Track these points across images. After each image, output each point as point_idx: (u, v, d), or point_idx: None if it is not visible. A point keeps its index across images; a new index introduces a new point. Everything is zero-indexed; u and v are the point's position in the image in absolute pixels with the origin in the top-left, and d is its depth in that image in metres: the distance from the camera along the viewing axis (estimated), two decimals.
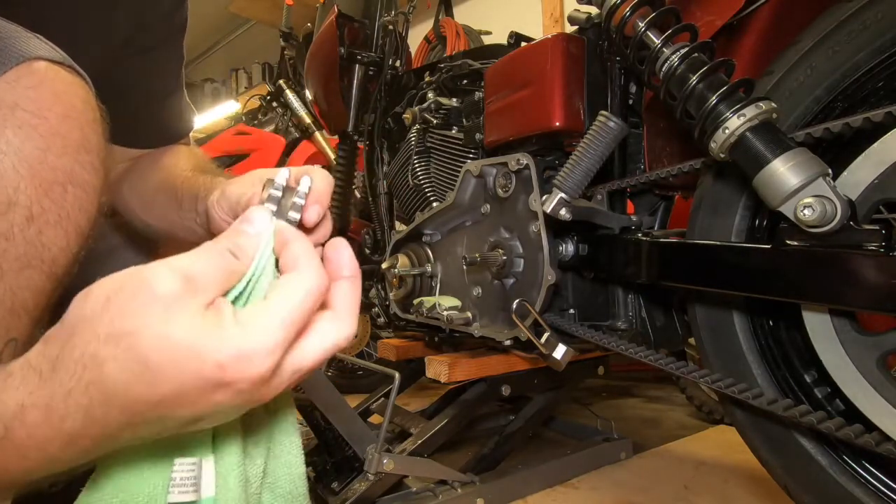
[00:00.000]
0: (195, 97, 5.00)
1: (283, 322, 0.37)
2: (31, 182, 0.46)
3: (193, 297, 0.36)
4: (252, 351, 0.35)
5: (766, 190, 0.61)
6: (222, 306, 0.37)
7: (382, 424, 1.00)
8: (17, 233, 0.45)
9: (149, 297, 0.35)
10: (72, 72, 0.51)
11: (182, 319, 0.35)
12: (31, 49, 0.48)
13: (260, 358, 0.36)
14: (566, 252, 0.92)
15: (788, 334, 0.73)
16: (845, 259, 0.58)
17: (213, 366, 0.35)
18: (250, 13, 4.34)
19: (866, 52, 0.61)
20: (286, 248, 0.41)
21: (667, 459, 1.33)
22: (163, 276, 0.36)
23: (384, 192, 1.40)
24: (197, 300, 0.36)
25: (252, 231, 0.41)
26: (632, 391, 2.07)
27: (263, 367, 0.36)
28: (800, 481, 0.68)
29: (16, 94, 0.46)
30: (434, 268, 1.16)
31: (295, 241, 0.41)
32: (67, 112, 0.49)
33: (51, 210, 0.47)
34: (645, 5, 0.73)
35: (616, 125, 0.77)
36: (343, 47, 1.38)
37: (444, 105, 1.21)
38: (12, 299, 0.46)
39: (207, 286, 0.37)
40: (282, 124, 2.32)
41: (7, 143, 0.45)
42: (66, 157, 0.48)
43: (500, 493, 1.10)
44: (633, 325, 0.95)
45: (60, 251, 0.49)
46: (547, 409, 1.31)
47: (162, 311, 0.35)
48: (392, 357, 1.38)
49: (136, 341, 0.35)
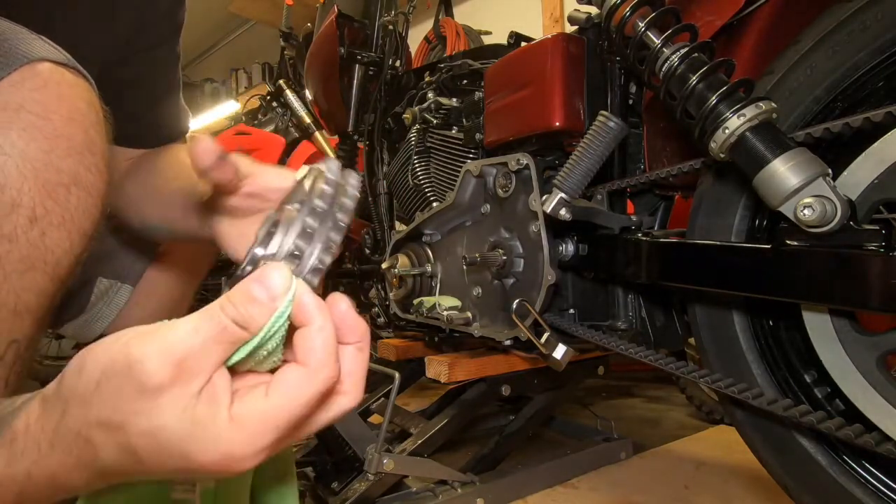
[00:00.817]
0: (195, 97, 5.00)
1: (281, 426, 0.34)
2: (35, 183, 0.46)
3: (185, 386, 0.33)
4: (242, 455, 0.34)
5: (766, 190, 0.61)
6: (218, 393, 0.34)
7: (382, 424, 1.00)
8: (20, 234, 0.45)
9: (136, 389, 0.33)
10: (76, 73, 0.51)
11: (170, 415, 0.33)
12: (36, 51, 0.48)
13: (248, 460, 0.34)
14: (566, 252, 0.92)
15: (788, 334, 0.73)
16: (845, 259, 0.58)
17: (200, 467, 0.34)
18: (250, 13, 4.34)
19: (866, 51, 0.61)
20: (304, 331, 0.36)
21: (667, 459, 1.33)
22: (153, 365, 0.33)
23: (384, 192, 1.40)
24: (189, 388, 0.33)
25: (266, 299, 0.35)
26: (632, 391, 2.07)
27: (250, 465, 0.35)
28: (800, 481, 0.68)
29: (21, 96, 0.46)
30: (434, 268, 1.16)
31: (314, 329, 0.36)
32: (72, 114, 0.49)
33: (54, 212, 0.47)
34: (645, 5, 0.73)
35: (616, 125, 0.77)
36: (343, 47, 1.38)
37: (444, 105, 1.21)
38: (16, 301, 0.46)
39: (203, 368, 0.34)
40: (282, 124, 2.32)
41: (12, 144, 0.45)
42: (71, 159, 0.48)
43: (500, 493, 1.10)
44: (633, 325, 0.95)
45: (64, 253, 0.49)
46: (547, 409, 1.31)
47: (150, 405, 0.33)
48: (392, 357, 1.38)
49: (124, 436, 0.34)
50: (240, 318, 0.34)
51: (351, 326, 0.39)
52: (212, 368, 0.34)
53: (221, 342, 0.34)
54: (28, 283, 0.46)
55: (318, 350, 0.35)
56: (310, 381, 0.35)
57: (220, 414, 0.33)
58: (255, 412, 0.34)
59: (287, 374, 0.35)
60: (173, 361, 0.33)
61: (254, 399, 0.34)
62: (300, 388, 0.34)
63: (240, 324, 0.34)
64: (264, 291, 0.35)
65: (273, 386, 0.35)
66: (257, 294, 0.35)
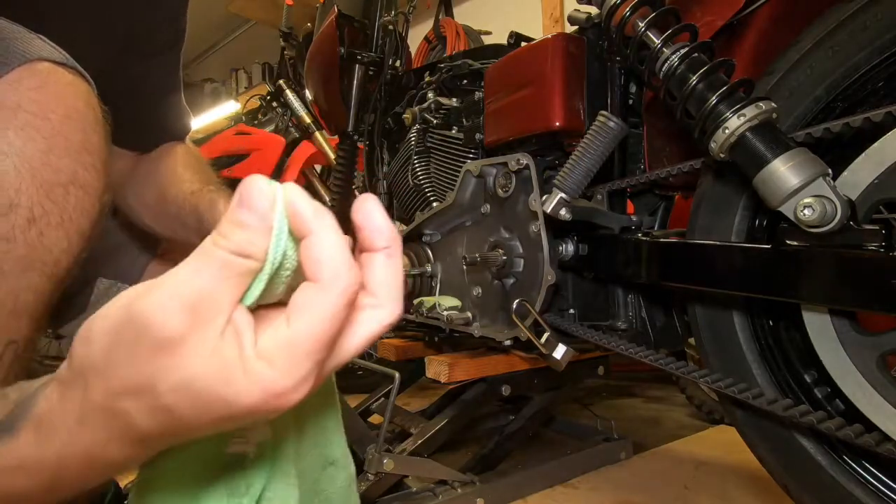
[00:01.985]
0: (195, 97, 5.00)
1: (311, 352, 0.32)
2: (33, 183, 0.46)
3: (205, 329, 0.31)
4: (282, 389, 0.32)
5: (766, 190, 0.61)
6: (242, 330, 0.32)
7: (382, 424, 1.00)
8: (18, 234, 0.45)
9: (154, 345, 0.31)
10: (74, 73, 0.51)
11: (199, 362, 0.31)
12: (34, 50, 0.48)
13: (291, 393, 0.32)
14: (566, 252, 0.92)
15: (788, 334, 0.73)
16: (845, 259, 0.58)
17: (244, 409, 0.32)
18: (250, 13, 4.34)
19: (866, 52, 0.61)
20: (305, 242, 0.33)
21: (667, 459, 1.33)
22: (164, 313, 0.31)
23: (384, 192, 1.40)
24: (210, 331, 0.31)
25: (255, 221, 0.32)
26: (632, 391, 2.07)
27: (297, 397, 0.33)
28: (800, 481, 0.68)
29: (18, 95, 0.46)
30: (434, 268, 1.16)
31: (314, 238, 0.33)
32: (70, 113, 0.49)
33: (52, 212, 0.47)
34: (645, 5, 0.73)
35: (616, 125, 0.77)
36: (343, 47, 1.38)
37: (444, 105, 1.21)
38: (14, 301, 0.45)
39: (219, 307, 0.31)
40: (282, 124, 2.32)
41: (9, 143, 0.45)
42: (68, 159, 0.48)
43: (500, 493, 1.10)
44: (633, 325, 0.95)
45: (62, 253, 0.48)
46: (547, 409, 1.31)
47: (174, 358, 0.31)
48: (392, 357, 1.38)
49: (154, 396, 0.32)
50: (236, 248, 0.31)
51: (377, 229, 0.35)
52: (229, 306, 0.32)
53: (229, 277, 0.32)
54: (26, 283, 0.46)
55: (325, 260, 0.32)
56: (327, 294, 0.32)
57: (247, 352, 0.31)
58: (280, 343, 0.32)
59: (302, 295, 0.32)
60: (185, 306, 0.31)
61: (276, 330, 0.32)
62: (317, 306, 0.32)
63: (239, 253, 0.32)
64: (249, 212, 0.32)
65: (290, 311, 0.32)
66: (243, 217, 0.32)
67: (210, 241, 0.32)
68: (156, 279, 0.32)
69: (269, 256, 0.32)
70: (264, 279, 0.33)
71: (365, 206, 0.36)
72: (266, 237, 0.32)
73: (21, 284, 0.46)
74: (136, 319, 0.31)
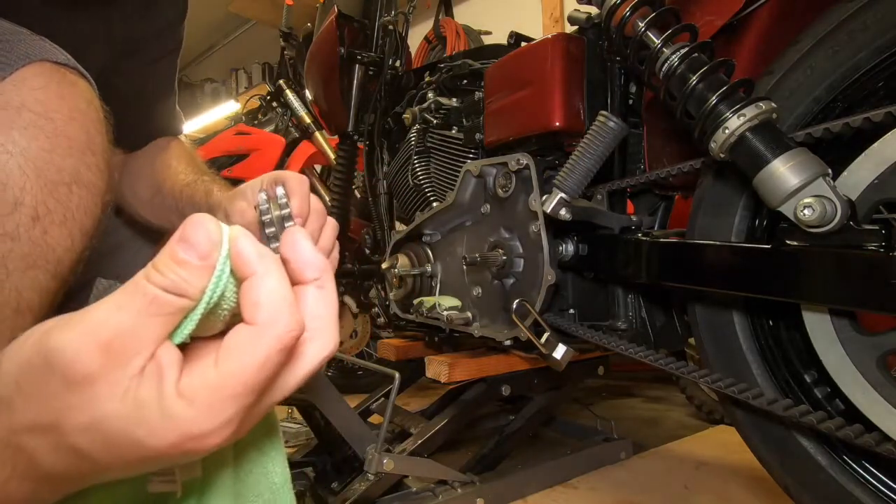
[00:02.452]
0: (195, 97, 5.00)
1: (239, 394, 0.30)
2: (37, 182, 0.46)
3: (121, 368, 0.29)
4: (200, 432, 0.30)
5: (766, 190, 0.61)
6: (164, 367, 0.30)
7: (382, 424, 1.00)
8: (22, 233, 0.45)
9: (63, 382, 0.29)
10: (77, 74, 0.51)
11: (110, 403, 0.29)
12: (37, 51, 0.49)
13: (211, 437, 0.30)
14: (566, 252, 0.92)
15: (788, 334, 0.73)
16: (845, 259, 0.58)
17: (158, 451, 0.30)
18: (250, 13, 4.34)
19: (866, 52, 0.61)
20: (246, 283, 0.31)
21: (667, 459, 1.33)
22: (77, 351, 0.29)
23: (384, 192, 1.40)
24: (127, 370, 0.29)
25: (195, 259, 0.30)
26: (632, 391, 2.07)
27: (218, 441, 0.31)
28: (800, 481, 0.68)
29: (22, 96, 0.46)
30: (434, 268, 1.16)
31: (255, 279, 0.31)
32: (73, 113, 0.49)
33: (56, 210, 0.47)
34: (645, 5, 0.73)
35: (616, 125, 0.77)
36: (343, 47, 1.38)
37: (444, 105, 1.21)
38: (18, 299, 0.46)
39: (138, 346, 0.29)
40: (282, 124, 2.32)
41: (13, 143, 0.45)
42: (72, 158, 0.49)
43: (500, 493, 1.10)
44: (633, 325, 0.94)
45: (65, 251, 0.49)
46: (547, 409, 1.31)
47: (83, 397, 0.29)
48: (392, 357, 1.38)
49: (60, 436, 0.30)
50: (170, 286, 0.29)
51: (305, 261, 0.34)
52: (151, 345, 0.30)
53: (155, 314, 0.30)
54: (30, 281, 0.46)
55: (264, 303, 0.31)
56: (260, 339, 0.30)
57: (167, 391, 0.29)
58: (205, 383, 0.30)
59: (235, 337, 0.31)
60: (98, 344, 0.29)
61: (203, 369, 0.31)
62: (251, 350, 0.30)
63: (173, 291, 0.30)
64: (190, 250, 0.30)
65: (222, 352, 0.31)
66: (183, 255, 0.30)
67: (142, 274, 0.30)
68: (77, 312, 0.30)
69: (204, 296, 0.31)
70: (196, 318, 0.31)
71: (291, 238, 0.35)
72: (204, 277, 0.30)
73: (25, 282, 0.46)
74: (48, 355, 0.29)
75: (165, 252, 0.30)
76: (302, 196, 0.58)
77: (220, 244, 0.31)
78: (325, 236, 0.60)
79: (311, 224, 0.59)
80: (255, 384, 0.31)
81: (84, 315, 0.30)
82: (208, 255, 0.30)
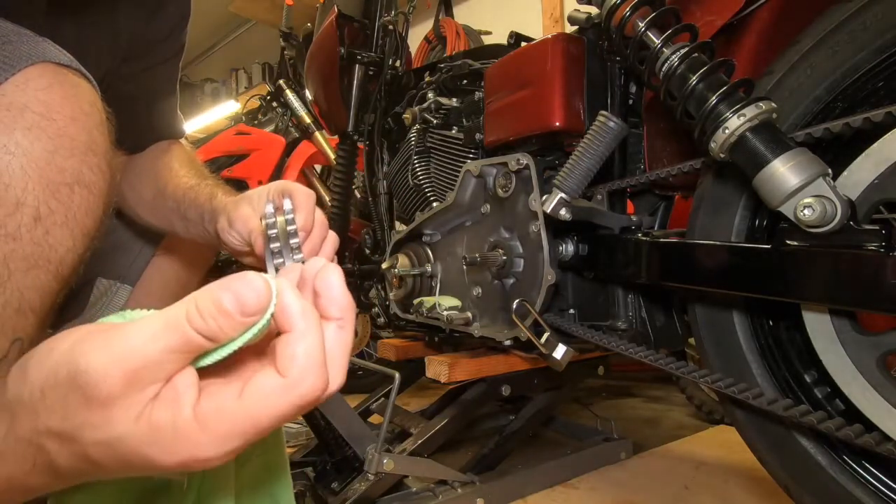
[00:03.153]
0: (195, 97, 5.00)
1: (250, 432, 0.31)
2: (39, 183, 0.46)
3: (139, 394, 0.31)
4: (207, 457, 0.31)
5: (766, 190, 0.61)
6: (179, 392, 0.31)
7: (382, 424, 1.00)
8: (24, 233, 0.45)
9: (84, 400, 0.31)
10: (80, 75, 0.52)
11: (125, 425, 0.31)
12: (41, 52, 0.49)
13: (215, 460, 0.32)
14: (566, 252, 0.92)
15: (788, 334, 0.73)
16: (845, 259, 0.58)
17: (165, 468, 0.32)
18: (250, 13, 4.34)
19: (866, 52, 0.61)
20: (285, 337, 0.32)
21: (667, 459, 1.33)
22: (99, 374, 0.30)
23: (384, 192, 1.40)
24: (143, 395, 0.31)
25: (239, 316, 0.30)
26: (632, 391, 2.07)
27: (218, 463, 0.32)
28: (800, 481, 0.68)
29: (26, 96, 0.47)
30: (434, 268, 1.16)
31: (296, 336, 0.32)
32: (75, 114, 0.49)
33: (58, 211, 0.48)
34: (645, 5, 0.73)
35: (616, 125, 0.77)
36: (343, 47, 1.38)
37: (444, 105, 1.21)
38: (19, 299, 0.46)
39: (159, 377, 0.31)
40: (282, 124, 2.32)
41: (16, 144, 0.45)
42: (74, 159, 0.49)
43: (500, 493, 1.10)
44: (633, 325, 0.94)
45: (67, 251, 0.49)
46: (547, 409, 1.31)
47: (100, 416, 0.31)
48: (392, 357, 1.38)
49: (78, 446, 0.32)
50: (207, 332, 0.30)
51: (334, 301, 0.35)
52: (172, 374, 0.31)
53: (183, 352, 0.31)
54: (32, 281, 0.46)
55: (299, 360, 0.31)
56: (288, 392, 0.31)
57: (183, 414, 0.31)
58: (224, 413, 0.31)
59: (264, 381, 0.32)
60: (125, 372, 0.30)
61: (224, 398, 0.31)
62: (276, 399, 0.31)
63: (207, 336, 0.30)
64: (237, 305, 0.30)
65: (248, 389, 0.32)
66: (229, 307, 0.30)
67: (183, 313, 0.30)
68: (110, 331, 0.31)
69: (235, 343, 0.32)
70: (220, 356, 0.32)
71: (326, 274, 0.36)
72: (241, 330, 0.31)
73: (27, 282, 0.46)
74: (75, 372, 0.31)
75: (209, 297, 0.30)
76: (308, 210, 0.60)
77: (267, 307, 0.31)
78: (325, 250, 0.63)
79: (314, 237, 0.61)
80: (269, 427, 0.32)
81: (116, 337, 0.31)
82: (252, 314, 0.31)
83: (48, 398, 0.32)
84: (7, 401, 0.34)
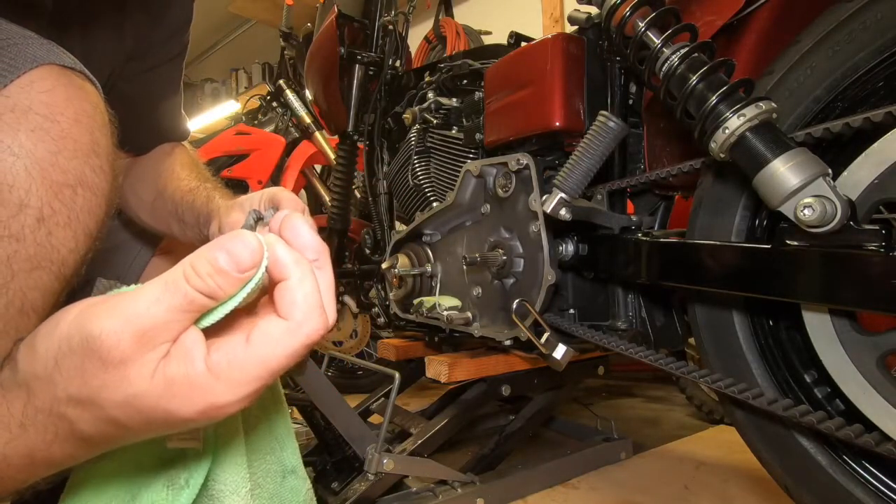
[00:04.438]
0: (195, 97, 4.99)
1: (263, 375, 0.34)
2: (42, 184, 0.46)
3: (151, 352, 0.33)
4: (224, 403, 0.34)
5: (766, 190, 0.61)
6: (189, 348, 0.33)
7: (382, 424, 1.00)
8: (27, 234, 0.46)
9: (99, 364, 0.32)
10: (83, 77, 0.52)
11: (141, 382, 0.32)
12: (45, 54, 0.49)
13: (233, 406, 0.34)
14: (566, 252, 0.92)
15: (788, 334, 0.73)
16: (845, 259, 0.58)
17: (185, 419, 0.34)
18: (250, 13, 4.34)
19: (866, 52, 0.61)
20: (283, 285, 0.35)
21: (667, 459, 1.33)
22: (111, 337, 0.32)
23: (384, 192, 1.40)
24: (156, 353, 0.33)
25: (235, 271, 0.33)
26: (632, 391, 2.07)
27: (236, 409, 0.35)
28: (800, 481, 0.68)
29: (29, 98, 0.47)
30: (434, 268, 1.16)
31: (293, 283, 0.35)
32: (78, 116, 0.49)
33: (61, 212, 0.48)
34: (645, 5, 0.73)
35: (616, 125, 0.77)
36: (343, 47, 1.38)
37: (444, 105, 1.21)
38: (22, 300, 0.46)
39: (167, 336, 0.33)
40: (282, 124, 2.32)
41: (20, 145, 0.45)
42: (77, 160, 0.49)
43: (500, 493, 1.10)
44: (633, 325, 0.94)
45: (69, 252, 0.49)
46: (547, 409, 1.31)
47: (117, 377, 0.33)
48: (392, 357, 1.38)
49: (99, 408, 0.34)
50: (206, 290, 0.33)
51: (305, 245, 0.39)
52: (178, 333, 0.33)
53: (187, 311, 0.33)
54: (34, 281, 0.47)
55: (300, 304, 0.35)
56: (293, 334, 0.34)
57: (196, 367, 0.33)
58: (235, 361, 0.33)
59: (270, 326, 0.34)
60: (135, 333, 0.32)
61: (233, 347, 0.34)
62: (283, 342, 0.34)
63: (206, 294, 0.33)
64: (232, 263, 0.33)
65: (255, 335, 0.34)
66: (224, 265, 0.33)
67: (181, 274, 0.33)
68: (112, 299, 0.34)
69: (233, 300, 0.34)
70: (222, 314, 0.35)
71: (292, 223, 0.39)
72: (238, 286, 0.34)
73: (29, 283, 0.46)
74: (88, 338, 0.32)
75: (205, 257, 0.33)
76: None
77: (261, 262, 0.34)
78: None
79: None
80: (279, 370, 0.34)
81: (123, 303, 0.33)
82: (247, 269, 0.33)
83: (63, 367, 0.33)
84: (21, 378, 0.35)
